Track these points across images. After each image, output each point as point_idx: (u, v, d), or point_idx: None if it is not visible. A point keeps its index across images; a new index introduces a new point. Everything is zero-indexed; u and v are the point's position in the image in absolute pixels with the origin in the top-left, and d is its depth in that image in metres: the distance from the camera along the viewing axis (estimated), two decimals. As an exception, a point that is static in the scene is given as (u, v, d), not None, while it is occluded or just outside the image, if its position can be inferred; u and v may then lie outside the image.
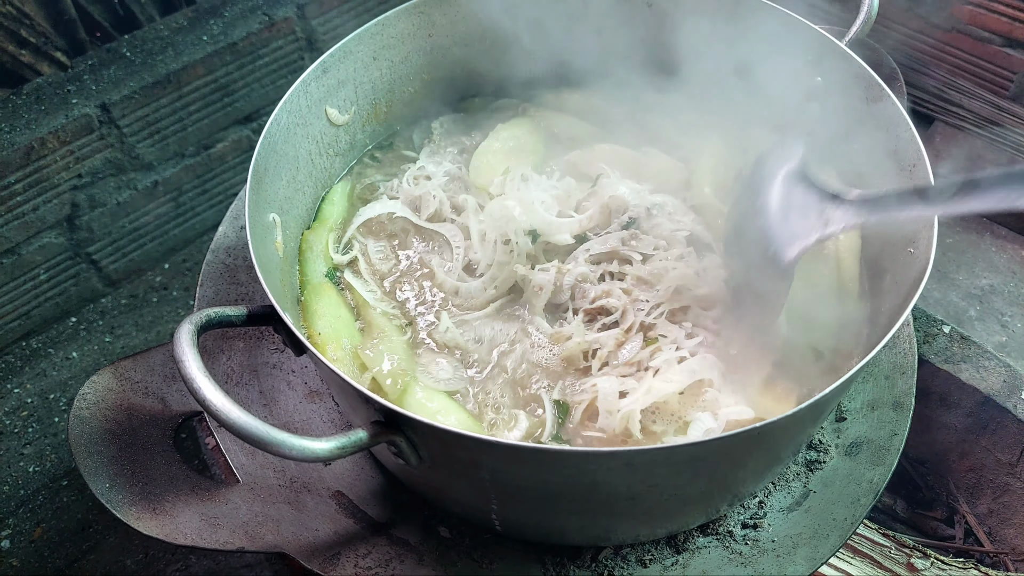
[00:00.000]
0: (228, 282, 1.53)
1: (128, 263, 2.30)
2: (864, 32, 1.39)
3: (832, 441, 1.36)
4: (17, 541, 1.91)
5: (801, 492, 1.31)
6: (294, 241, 1.42)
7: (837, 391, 0.98)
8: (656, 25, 1.61)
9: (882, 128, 1.31)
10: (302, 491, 1.30)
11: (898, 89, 1.57)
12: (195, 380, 0.93)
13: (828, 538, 1.24)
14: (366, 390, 0.98)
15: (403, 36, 1.55)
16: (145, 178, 2.21)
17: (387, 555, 1.24)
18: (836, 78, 1.39)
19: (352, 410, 1.19)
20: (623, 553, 1.26)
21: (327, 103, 1.47)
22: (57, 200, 2.05)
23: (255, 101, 2.32)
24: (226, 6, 2.27)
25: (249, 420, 0.91)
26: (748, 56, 1.53)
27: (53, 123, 1.97)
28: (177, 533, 1.15)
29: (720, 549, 1.27)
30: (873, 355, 0.98)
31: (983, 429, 1.74)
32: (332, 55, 1.44)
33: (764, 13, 1.46)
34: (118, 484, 1.17)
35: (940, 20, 2.44)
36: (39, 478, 1.99)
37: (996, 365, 1.71)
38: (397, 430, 0.99)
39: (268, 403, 1.41)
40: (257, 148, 1.26)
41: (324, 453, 0.94)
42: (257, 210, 1.24)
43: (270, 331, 1.17)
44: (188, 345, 0.96)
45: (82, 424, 1.21)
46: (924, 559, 1.48)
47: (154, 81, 2.09)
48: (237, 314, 1.08)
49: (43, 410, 2.09)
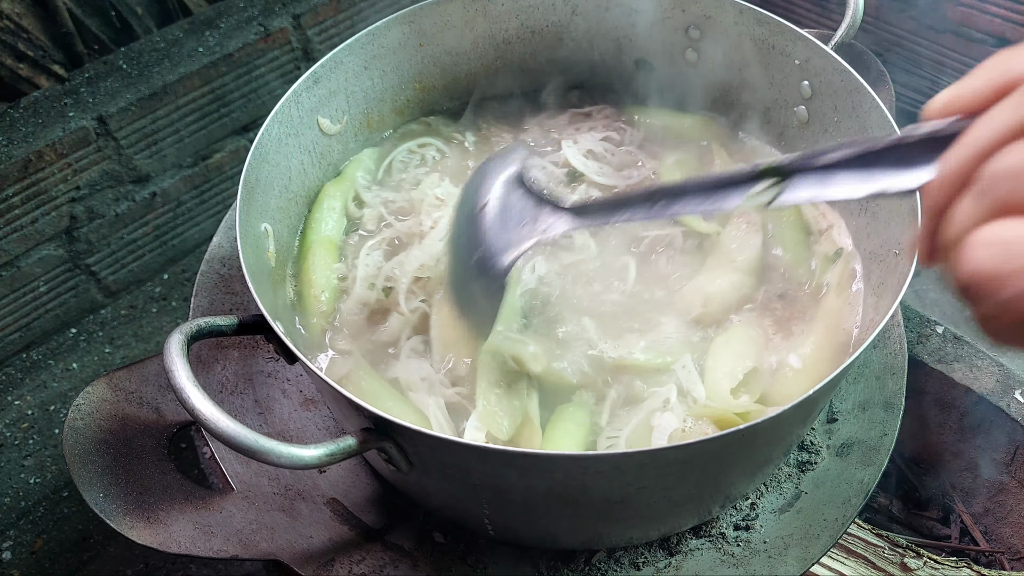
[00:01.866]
0: (223, 292, 1.54)
1: (127, 274, 2.32)
2: (850, 36, 1.40)
3: (824, 442, 1.37)
4: (18, 552, 1.92)
5: (793, 493, 1.32)
6: (287, 251, 1.43)
7: (823, 391, 0.99)
8: (644, 32, 1.63)
9: (869, 130, 1.31)
10: (297, 499, 1.31)
11: (886, 91, 1.58)
12: (184, 389, 0.94)
13: (819, 538, 1.24)
14: (355, 398, 0.99)
15: (394, 46, 1.56)
16: (143, 189, 2.22)
17: (381, 561, 1.25)
18: (823, 81, 1.40)
19: (343, 417, 1.20)
20: (616, 556, 1.27)
21: (319, 113, 1.48)
22: (55, 212, 2.07)
23: (252, 111, 2.34)
24: (222, 17, 2.29)
25: (238, 429, 0.92)
26: (732, 61, 1.55)
27: (51, 136, 1.99)
28: (171, 541, 1.15)
29: (712, 551, 1.27)
30: (857, 355, 0.99)
31: (977, 428, 1.74)
32: (323, 65, 1.45)
33: (749, 16, 1.48)
34: (112, 493, 1.18)
35: (933, 22, 2.45)
36: (40, 490, 2.01)
37: (989, 365, 1.72)
38: (386, 436, 1.00)
39: (263, 412, 1.42)
40: (248, 159, 1.27)
41: (313, 460, 0.94)
42: (248, 220, 1.26)
43: (265, 340, 1.18)
44: (178, 355, 0.97)
45: (76, 434, 1.22)
46: (917, 559, 1.48)
47: (151, 93, 2.11)
48: (228, 324, 1.09)
49: (43, 421, 2.10)
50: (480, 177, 1.17)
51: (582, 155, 1.56)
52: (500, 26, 1.63)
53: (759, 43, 1.49)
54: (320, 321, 1.37)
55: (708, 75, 1.61)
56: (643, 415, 1.21)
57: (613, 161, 1.58)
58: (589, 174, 1.54)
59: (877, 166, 0.73)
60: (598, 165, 1.56)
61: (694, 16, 1.54)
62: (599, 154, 1.58)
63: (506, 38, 1.65)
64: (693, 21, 1.55)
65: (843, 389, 1.43)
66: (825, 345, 1.27)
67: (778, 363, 1.27)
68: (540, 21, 1.63)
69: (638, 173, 1.56)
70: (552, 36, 1.66)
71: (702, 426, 1.19)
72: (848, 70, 1.33)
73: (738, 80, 1.57)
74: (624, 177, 1.54)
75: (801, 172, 0.80)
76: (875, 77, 1.62)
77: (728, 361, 1.26)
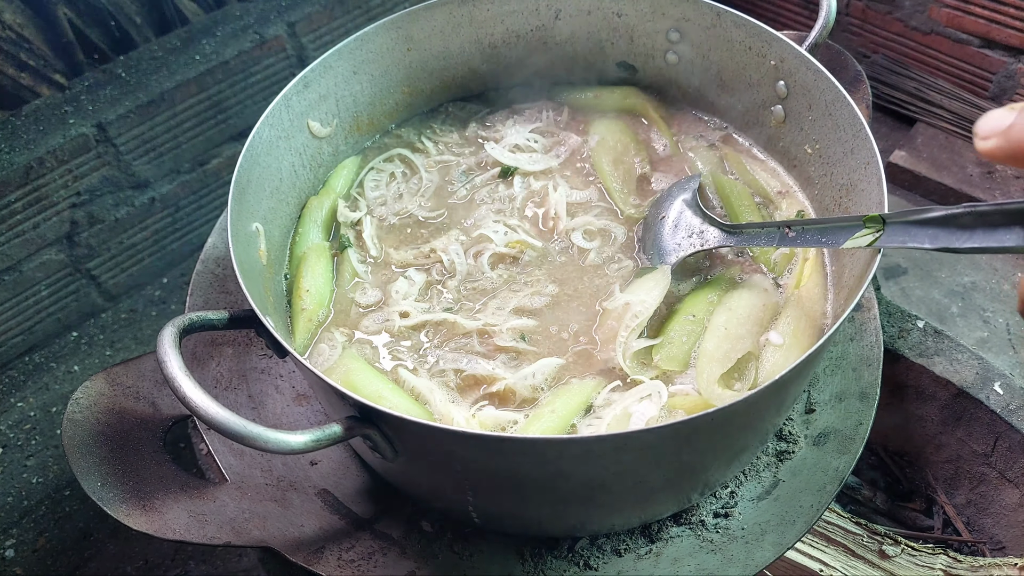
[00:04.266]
0: (218, 291, 1.59)
1: (127, 278, 2.36)
2: (823, 36, 1.44)
3: (802, 432, 1.41)
4: (21, 550, 1.96)
5: (771, 481, 1.35)
6: (277, 249, 1.47)
7: (789, 377, 1.03)
8: (626, 35, 1.67)
9: (842, 128, 1.35)
10: (288, 489, 1.35)
11: (862, 90, 1.62)
12: (176, 379, 0.98)
13: (795, 524, 1.28)
14: (340, 386, 1.03)
15: (382, 51, 1.61)
16: (142, 195, 2.27)
17: (370, 549, 1.29)
18: (797, 81, 1.44)
19: (330, 406, 1.24)
20: (599, 543, 1.31)
21: (309, 116, 1.53)
22: (56, 218, 2.11)
23: (248, 118, 2.39)
24: (218, 26, 2.33)
25: (227, 415, 0.96)
26: (711, 63, 1.59)
27: (51, 143, 2.03)
28: (166, 528, 1.19)
29: (692, 537, 1.31)
30: (822, 343, 1.03)
31: (958, 421, 1.78)
32: (313, 70, 1.49)
33: (727, 19, 1.52)
34: (109, 483, 1.22)
35: (918, 23, 2.49)
36: (42, 489, 2.05)
37: (969, 358, 1.75)
38: (370, 423, 1.04)
39: (256, 406, 1.46)
40: (239, 161, 1.31)
41: (299, 446, 0.98)
42: (240, 220, 1.30)
43: (256, 335, 1.22)
44: (170, 346, 1.01)
45: (75, 427, 1.26)
46: (895, 546, 1.51)
47: (149, 100, 2.16)
48: (219, 317, 1.13)
49: (45, 423, 2.15)
50: (665, 195, 1.52)
51: (508, 151, 1.66)
52: (486, 31, 1.68)
53: (736, 45, 1.53)
54: (311, 316, 1.42)
55: (688, 76, 1.65)
56: (627, 402, 1.25)
57: (540, 146, 1.68)
58: (522, 165, 1.63)
59: (979, 226, 0.98)
60: (528, 156, 1.65)
61: (673, 19, 1.59)
62: (525, 146, 1.67)
63: (492, 42, 1.70)
64: (673, 24, 1.60)
65: (821, 380, 1.47)
66: (803, 335, 1.32)
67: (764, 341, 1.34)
68: (524, 25, 1.68)
69: (565, 149, 1.67)
70: (536, 40, 1.70)
71: (679, 415, 1.23)
72: (820, 69, 1.37)
73: (717, 81, 1.61)
74: (554, 156, 1.66)
75: (899, 224, 1.09)
76: (852, 76, 1.66)
77: (724, 344, 1.31)
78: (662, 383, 1.25)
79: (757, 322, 1.34)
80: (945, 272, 2.19)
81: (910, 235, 1.08)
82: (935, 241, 1.04)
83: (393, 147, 1.70)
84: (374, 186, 1.63)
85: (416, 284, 1.45)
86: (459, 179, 1.63)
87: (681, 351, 1.31)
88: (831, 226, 1.21)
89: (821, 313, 1.35)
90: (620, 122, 1.69)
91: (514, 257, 1.49)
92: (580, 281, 1.45)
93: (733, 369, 1.29)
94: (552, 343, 1.36)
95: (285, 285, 1.47)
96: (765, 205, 1.53)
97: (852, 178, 1.33)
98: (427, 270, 1.48)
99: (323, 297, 1.43)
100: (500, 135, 1.68)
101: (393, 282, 1.46)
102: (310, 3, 2.39)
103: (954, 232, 1.02)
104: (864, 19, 2.59)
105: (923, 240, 1.06)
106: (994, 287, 2.15)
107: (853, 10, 2.58)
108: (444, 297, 1.44)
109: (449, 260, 1.48)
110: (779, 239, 1.29)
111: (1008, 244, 0.96)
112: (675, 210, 1.47)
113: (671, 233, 1.45)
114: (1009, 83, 2.38)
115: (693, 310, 1.36)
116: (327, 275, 1.46)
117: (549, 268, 1.47)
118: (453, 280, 1.46)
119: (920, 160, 2.42)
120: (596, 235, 1.51)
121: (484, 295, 1.43)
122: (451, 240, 1.51)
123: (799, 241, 1.26)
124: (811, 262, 1.40)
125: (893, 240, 1.11)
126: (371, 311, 1.43)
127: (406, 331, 1.39)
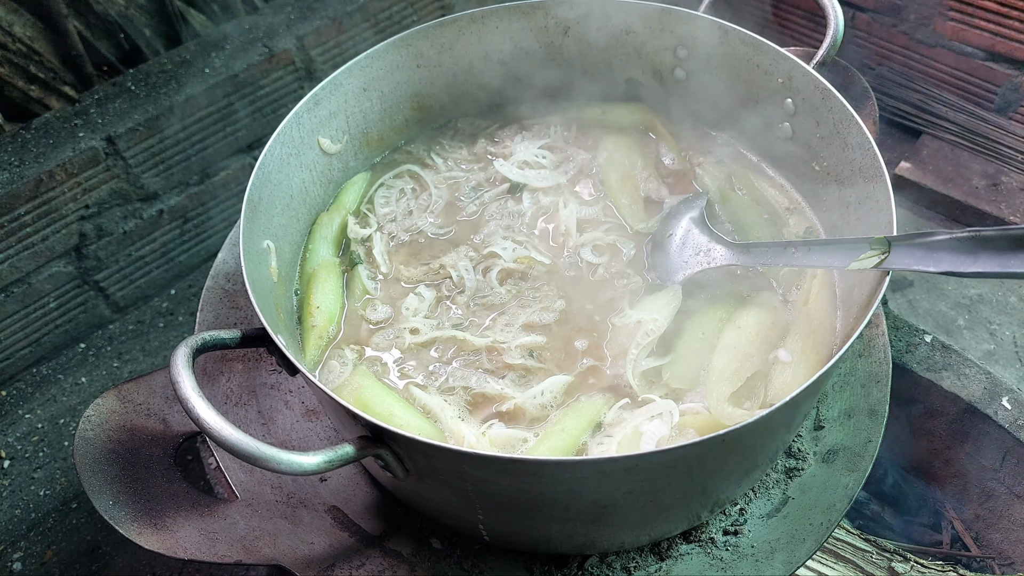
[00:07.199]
0: (228, 307, 1.59)
1: (135, 290, 2.37)
2: (831, 54, 1.45)
3: (811, 449, 1.41)
4: (29, 563, 1.96)
5: (780, 499, 1.36)
6: (288, 266, 1.48)
7: (802, 396, 1.03)
8: (634, 52, 1.68)
9: (850, 146, 1.36)
10: (298, 506, 1.35)
11: (869, 107, 1.62)
12: (190, 400, 0.98)
13: (805, 542, 1.28)
14: (352, 406, 1.03)
15: (392, 68, 1.62)
16: (150, 207, 2.28)
17: (380, 566, 1.29)
18: (804, 99, 1.45)
19: (341, 425, 1.25)
20: (608, 560, 1.31)
21: (319, 133, 1.54)
22: (65, 230, 2.12)
23: (256, 130, 2.40)
24: (227, 39, 2.35)
25: (240, 437, 0.96)
26: (719, 79, 1.60)
27: (61, 156, 2.04)
28: (177, 547, 1.20)
29: (702, 555, 1.31)
30: (829, 367, 1.03)
31: (966, 436, 1.78)
32: (323, 88, 1.50)
33: (734, 37, 1.53)
34: (121, 501, 1.22)
35: (923, 36, 2.50)
36: (49, 501, 2.05)
37: (976, 372, 1.75)
38: (382, 443, 1.05)
39: (266, 422, 1.47)
40: (252, 178, 1.32)
41: (312, 467, 0.99)
42: (252, 238, 1.30)
43: (268, 353, 1.23)
44: (184, 367, 1.02)
45: (87, 444, 1.27)
46: (904, 563, 1.51)
47: (158, 113, 2.17)
48: (231, 337, 1.13)
49: (53, 435, 2.15)
50: (672, 213, 1.54)
51: (517, 167, 1.66)
52: (494, 47, 1.68)
53: (744, 62, 1.53)
54: (322, 332, 1.42)
55: (696, 92, 1.66)
56: (637, 420, 1.25)
57: (548, 163, 1.68)
58: (530, 182, 1.64)
59: (984, 250, 1.00)
60: (536, 172, 1.66)
61: (681, 36, 1.60)
62: (534, 162, 1.68)
63: (501, 59, 1.71)
64: (680, 41, 1.61)
65: (829, 397, 1.47)
66: (812, 352, 1.32)
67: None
68: (533, 42, 1.69)
69: (573, 165, 1.68)
70: (545, 57, 1.71)
71: (690, 434, 1.23)
72: (828, 88, 1.37)
73: (725, 97, 1.62)
74: (563, 172, 1.67)
75: (904, 246, 1.11)
76: (859, 92, 1.67)
77: (733, 363, 1.31)
78: (673, 402, 1.26)
79: (766, 340, 1.34)
80: (952, 284, 2.19)
81: (915, 258, 1.10)
82: (940, 265, 1.06)
83: (403, 163, 1.71)
84: (384, 202, 1.64)
85: (426, 300, 1.46)
86: (468, 195, 1.64)
87: (691, 369, 1.31)
88: (837, 247, 1.22)
89: (830, 330, 1.35)
90: (628, 138, 1.69)
91: (523, 273, 1.49)
92: (589, 296, 1.45)
93: (742, 387, 1.29)
94: (561, 359, 1.36)
95: (296, 301, 1.47)
96: (773, 221, 1.53)
97: (860, 196, 1.33)
98: (437, 286, 1.49)
99: (333, 314, 1.44)
100: (509, 151, 1.69)
101: (403, 298, 1.47)
102: (319, 17, 2.40)
103: (959, 256, 1.03)
104: (869, 32, 2.60)
105: (928, 264, 1.08)
106: (1001, 300, 2.16)
107: (858, 23, 2.59)
108: (453, 313, 1.44)
109: (458, 276, 1.48)
110: (785, 258, 1.31)
111: (1013, 269, 0.97)
112: (682, 228, 1.49)
113: (678, 251, 1.47)
114: (1014, 96, 2.39)
115: (702, 328, 1.36)
116: (337, 291, 1.47)
117: (558, 283, 1.47)
118: (462, 296, 1.46)
119: (925, 172, 2.42)
120: (605, 250, 1.52)
121: (493, 310, 1.44)
122: (460, 256, 1.52)
123: (804, 260, 1.27)
124: (820, 279, 1.40)
125: (898, 263, 1.12)
126: (381, 328, 1.44)
127: (416, 348, 1.39)
